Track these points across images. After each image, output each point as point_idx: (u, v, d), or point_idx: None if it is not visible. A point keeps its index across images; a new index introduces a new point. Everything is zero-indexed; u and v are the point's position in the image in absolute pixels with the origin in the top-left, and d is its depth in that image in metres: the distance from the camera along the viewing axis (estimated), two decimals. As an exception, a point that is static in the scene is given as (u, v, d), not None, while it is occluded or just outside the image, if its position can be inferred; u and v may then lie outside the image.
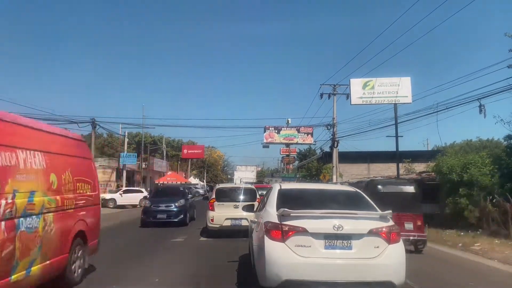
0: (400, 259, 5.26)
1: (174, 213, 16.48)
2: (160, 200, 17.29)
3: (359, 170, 36.47)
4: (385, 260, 5.14)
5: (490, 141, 51.08)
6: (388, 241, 5.23)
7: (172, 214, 16.42)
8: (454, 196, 15.79)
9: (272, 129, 38.80)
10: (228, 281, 7.15)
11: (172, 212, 16.47)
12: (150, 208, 16.78)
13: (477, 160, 15.82)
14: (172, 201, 16.89)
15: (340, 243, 5.19)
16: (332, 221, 5.19)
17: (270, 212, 5.76)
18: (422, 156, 34.07)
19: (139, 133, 58.46)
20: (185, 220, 16.64)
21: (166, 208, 16.58)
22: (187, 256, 10.06)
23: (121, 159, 37.93)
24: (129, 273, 8.01)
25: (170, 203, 16.80)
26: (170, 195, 18.07)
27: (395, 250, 5.25)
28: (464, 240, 12.78)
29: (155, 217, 16.36)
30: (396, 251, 5.25)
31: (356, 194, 6.42)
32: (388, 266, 5.14)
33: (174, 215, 16.42)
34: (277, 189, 6.41)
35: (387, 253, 5.17)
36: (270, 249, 5.25)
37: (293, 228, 5.21)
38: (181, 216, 16.51)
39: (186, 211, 16.99)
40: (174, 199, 17.05)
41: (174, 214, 16.44)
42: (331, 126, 29.62)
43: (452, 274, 8.38)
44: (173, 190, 19.65)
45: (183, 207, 16.85)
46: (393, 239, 5.28)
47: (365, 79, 19.33)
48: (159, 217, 16.31)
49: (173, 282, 7.27)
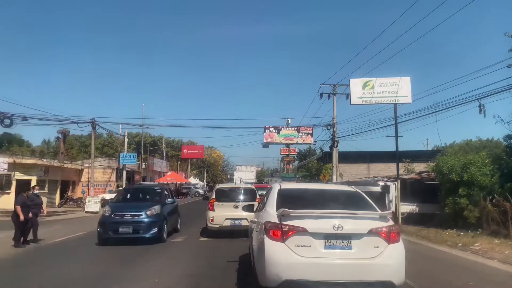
0: (400, 259, 5.25)
1: (144, 225, 11.89)
2: (126, 207, 12.82)
3: (359, 170, 36.50)
4: (385, 260, 5.13)
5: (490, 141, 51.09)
6: (388, 241, 5.22)
7: (140, 227, 11.88)
8: (454, 196, 15.79)
9: (272, 129, 38.77)
10: (228, 281, 7.16)
11: (141, 224, 11.91)
12: (110, 219, 11.98)
13: (477, 160, 15.82)
14: (141, 208, 12.31)
15: (340, 243, 5.18)
16: (332, 221, 5.18)
17: (270, 212, 5.74)
18: (421, 156, 34.09)
19: (139, 133, 58.48)
20: (160, 235, 12.07)
21: (133, 218, 12.01)
22: (187, 256, 10.08)
23: (121, 159, 37.89)
24: (128, 273, 8.03)
25: (138, 211, 12.22)
26: (140, 200, 13.74)
27: (395, 250, 5.24)
28: (463, 240, 12.78)
29: (116, 231, 11.83)
30: (396, 251, 5.24)
31: (356, 194, 6.40)
32: (388, 266, 5.13)
33: (144, 228, 11.87)
34: (277, 189, 6.40)
35: (387, 253, 5.16)
36: (270, 249, 5.24)
37: (293, 228, 5.20)
38: (154, 230, 11.90)
39: (163, 222, 12.46)
40: (145, 206, 12.56)
41: (144, 227, 11.87)
42: (331, 126, 29.64)
43: (452, 274, 8.38)
44: (147, 193, 14.40)
45: (157, 216, 12.24)
46: (393, 238, 5.27)
47: (365, 79, 19.29)
48: (121, 231, 11.80)
49: (172, 282, 7.27)
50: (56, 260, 9.96)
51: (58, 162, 34.38)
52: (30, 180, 28.17)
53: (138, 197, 14.03)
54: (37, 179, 28.48)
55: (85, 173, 35.94)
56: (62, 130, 36.17)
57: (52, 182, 30.98)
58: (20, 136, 71.40)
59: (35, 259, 10.03)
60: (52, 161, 35.53)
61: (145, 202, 13.16)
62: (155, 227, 11.95)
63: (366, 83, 19.09)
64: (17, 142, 67.04)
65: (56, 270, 8.58)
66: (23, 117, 27.18)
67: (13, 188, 27.69)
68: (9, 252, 11.11)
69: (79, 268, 8.79)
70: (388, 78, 19.02)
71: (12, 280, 7.84)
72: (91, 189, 31.79)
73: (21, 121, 27.11)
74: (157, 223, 12.09)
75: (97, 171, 36.63)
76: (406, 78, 18.81)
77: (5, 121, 26.10)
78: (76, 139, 68.15)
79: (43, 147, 69.64)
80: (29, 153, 55.76)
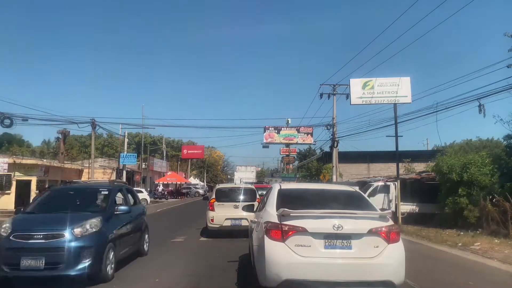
0: (399, 259, 5.26)
1: (66, 254, 6.58)
2: (38, 221, 7.39)
3: (359, 170, 36.53)
4: (385, 259, 5.14)
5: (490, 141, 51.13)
6: (387, 241, 5.23)
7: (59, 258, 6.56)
8: (453, 196, 15.79)
9: (272, 129, 38.78)
10: (228, 281, 7.16)
11: (60, 254, 6.57)
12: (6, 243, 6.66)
13: (477, 160, 15.82)
14: (64, 223, 6.86)
15: (340, 242, 5.19)
16: (332, 220, 5.19)
17: (270, 212, 5.75)
18: (421, 156, 34.14)
19: (139, 133, 58.52)
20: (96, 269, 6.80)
21: (46, 242, 6.64)
22: (187, 256, 10.07)
23: (121, 159, 37.93)
24: (128, 273, 8.02)
25: (59, 227, 6.82)
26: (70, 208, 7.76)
27: (395, 250, 5.26)
28: (463, 239, 12.78)
29: (16, 266, 6.46)
30: (395, 251, 5.26)
31: (356, 194, 6.42)
32: (387, 265, 5.15)
33: (65, 259, 6.56)
34: (277, 189, 6.40)
35: (387, 252, 5.18)
36: (270, 249, 5.25)
37: (293, 228, 5.21)
38: (85, 262, 6.64)
39: (105, 246, 7.14)
40: (73, 218, 7.08)
41: (67, 258, 6.57)
42: (331, 126, 29.65)
43: (452, 273, 8.37)
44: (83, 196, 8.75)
45: (94, 237, 6.96)
46: (393, 238, 5.29)
47: (365, 79, 19.29)
48: (24, 266, 6.43)
49: (172, 282, 7.27)
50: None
51: (58, 162, 34.39)
52: (30, 181, 28.22)
53: (65, 204, 8.05)
54: (37, 180, 28.51)
55: (85, 173, 35.95)
56: (62, 130, 36.19)
57: (52, 182, 30.97)
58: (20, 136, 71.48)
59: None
60: (52, 162, 35.56)
61: (76, 213, 7.55)
62: (87, 256, 6.71)
63: (366, 83, 19.09)
64: (17, 143, 67.08)
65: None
66: (23, 118, 27.18)
67: (13, 188, 27.69)
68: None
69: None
70: (388, 78, 19.03)
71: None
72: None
73: (21, 122, 27.11)
74: (91, 249, 6.82)
75: (97, 171, 36.65)
76: (406, 78, 18.81)
77: (5, 122, 26.09)
78: (76, 139, 68.23)
79: (43, 147, 69.70)
80: (29, 153, 55.79)
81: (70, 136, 52.20)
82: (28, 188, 28.19)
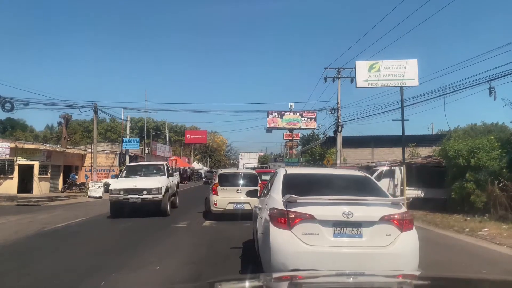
0: (413, 248, 5.01)
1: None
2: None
3: (363, 155, 36.24)
4: (398, 248, 4.89)
5: (495, 125, 50.63)
6: (400, 229, 4.97)
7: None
8: (460, 181, 15.51)
9: (275, 114, 38.49)
10: (231, 269, 6.96)
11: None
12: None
13: (485, 144, 15.47)
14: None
15: (350, 230, 4.93)
16: (341, 207, 4.92)
17: (275, 198, 5.50)
18: (426, 140, 33.85)
19: (142, 118, 58.30)
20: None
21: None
22: (189, 242, 9.87)
23: (124, 144, 37.74)
24: (129, 260, 7.81)
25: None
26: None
27: (408, 238, 5.01)
28: (471, 225, 12.55)
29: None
30: (409, 239, 5.01)
31: (366, 179, 6.12)
32: (400, 255, 4.89)
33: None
34: (282, 174, 6.11)
35: (400, 241, 4.92)
36: (275, 237, 5.00)
37: (300, 215, 4.95)
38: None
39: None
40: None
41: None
42: (335, 110, 29.29)
43: (463, 261, 8.11)
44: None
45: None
46: (406, 226, 5.03)
47: (371, 62, 18.79)
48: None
49: (174, 270, 7.05)
50: (55, 247, 9.76)
51: (61, 147, 34.26)
52: (32, 165, 28.14)
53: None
54: (39, 164, 28.42)
55: (88, 158, 35.85)
56: (64, 115, 35.99)
57: (54, 167, 30.91)
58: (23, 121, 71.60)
59: (34, 246, 9.86)
60: (55, 146, 35.43)
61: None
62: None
63: (372, 65, 18.61)
64: (20, 127, 67.15)
65: (55, 257, 8.43)
66: (24, 102, 26.99)
67: (15, 173, 27.64)
68: (8, 239, 10.90)
69: (79, 255, 8.61)
70: (394, 61, 18.55)
71: (8, 267, 7.64)
72: (94, 174, 31.68)
73: (22, 106, 26.96)
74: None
75: (100, 156, 36.50)
76: (413, 60, 18.32)
77: (6, 106, 25.96)
78: (79, 124, 68.13)
79: (46, 132, 69.69)
80: (32, 138, 55.77)
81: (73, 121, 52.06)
82: (31, 172, 28.15)
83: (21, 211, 18.32)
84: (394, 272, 4.04)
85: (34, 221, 14.55)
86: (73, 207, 20.63)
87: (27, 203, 23.40)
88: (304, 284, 2.83)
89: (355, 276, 3.21)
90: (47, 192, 28.94)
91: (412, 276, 3.42)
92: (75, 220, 14.57)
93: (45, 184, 29.43)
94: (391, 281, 2.91)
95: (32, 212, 17.65)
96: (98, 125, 48.72)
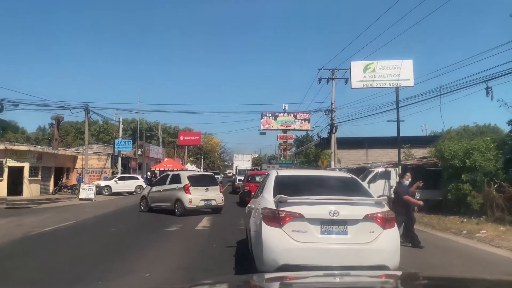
0: (395, 244, 5.36)
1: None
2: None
3: (357, 156, 36.10)
4: (380, 245, 5.20)
5: (487, 127, 50.88)
6: (383, 226, 5.28)
7: None
8: (456, 182, 15.36)
9: (269, 115, 38.31)
10: (225, 266, 6.90)
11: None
12: None
13: (481, 145, 15.33)
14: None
15: (336, 228, 5.25)
16: (328, 206, 5.24)
17: (267, 198, 5.80)
18: (420, 141, 33.81)
19: (134, 120, 57.75)
20: None
21: None
22: (181, 247, 9.58)
23: (116, 146, 37.31)
24: (116, 266, 7.48)
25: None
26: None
27: (390, 235, 5.32)
28: (468, 227, 12.40)
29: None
30: (391, 236, 5.33)
31: (352, 180, 6.44)
32: (383, 250, 5.21)
33: None
34: (274, 176, 6.41)
35: (382, 238, 5.24)
36: (267, 234, 5.31)
37: (290, 214, 5.26)
38: None
39: None
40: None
41: None
42: (329, 111, 29.11)
43: (462, 265, 7.92)
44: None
45: None
46: (388, 224, 5.34)
47: (366, 62, 18.67)
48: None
49: (164, 277, 6.73)
50: (43, 251, 9.40)
51: (52, 148, 33.76)
52: (22, 167, 27.67)
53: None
54: (30, 166, 27.96)
55: (80, 160, 35.36)
56: (56, 116, 35.52)
57: (45, 169, 30.43)
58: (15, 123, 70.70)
59: (19, 251, 9.48)
60: (46, 148, 34.92)
61: None
62: None
63: (367, 66, 18.50)
64: (12, 129, 66.33)
65: (41, 262, 8.07)
66: (14, 103, 26.54)
67: (5, 175, 27.16)
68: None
69: (66, 260, 8.23)
70: (389, 61, 18.48)
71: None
72: (85, 176, 31.23)
73: (12, 107, 26.51)
74: None
75: (92, 158, 36.06)
76: (408, 61, 18.26)
77: (-5, 107, 25.47)
78: (71, 125, 67.50)
79: (38, 134, 68.92)
80: (24, 140, 55.09)
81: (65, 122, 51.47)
82: (21, 174, 27.68)
83: (10, 214, 17.89)
84: (378, 272, 4.33)
85: (22, 224, 14.15)
86: (63, 210, 20.21)
87: (16, 206, 22.92)
88: (294, 284, 2.98)
89: (341, 276, 3.39)
90: (37, 194, 28.46)
91: (395, 275, 3.59)
92: (64, 224, 14.17)
93: (36, 186, 28.96)
94: (375, 280, 3.05)
95: (21, 215, 17.25)
96: (91, 127, 48.21)
